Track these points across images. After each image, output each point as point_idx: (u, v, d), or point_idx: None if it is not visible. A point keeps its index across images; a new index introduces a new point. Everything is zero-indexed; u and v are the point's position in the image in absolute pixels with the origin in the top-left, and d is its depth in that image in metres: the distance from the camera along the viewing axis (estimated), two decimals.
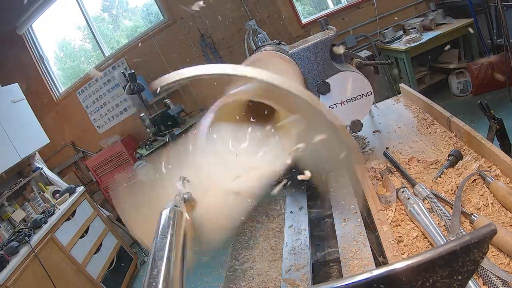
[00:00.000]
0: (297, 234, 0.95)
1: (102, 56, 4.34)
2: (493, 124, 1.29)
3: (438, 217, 0.80)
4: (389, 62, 1.14)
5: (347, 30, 3.94)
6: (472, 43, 3.37)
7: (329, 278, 0.86)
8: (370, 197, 0.93)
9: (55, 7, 4.14)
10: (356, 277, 0.22)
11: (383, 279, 0.22)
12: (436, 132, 1.14)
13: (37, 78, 4.27)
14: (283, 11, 3.98)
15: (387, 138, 1.24)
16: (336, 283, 0.23)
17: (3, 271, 2.08)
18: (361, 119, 1.03)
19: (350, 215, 0.92)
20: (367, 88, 0.99)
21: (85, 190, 3.20)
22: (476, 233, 0.23)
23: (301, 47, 1.00)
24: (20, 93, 3.34)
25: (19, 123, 3.15)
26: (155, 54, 4.06)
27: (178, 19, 4.02)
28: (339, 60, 1.08)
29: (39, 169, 3.37)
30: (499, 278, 0.61)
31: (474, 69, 3.20)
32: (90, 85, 4.27)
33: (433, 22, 3.45)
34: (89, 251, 2.81)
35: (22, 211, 2.89)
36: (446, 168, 0.94)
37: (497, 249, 0.67)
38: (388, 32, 3.74)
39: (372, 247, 0.80)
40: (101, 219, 3.19)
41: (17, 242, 2.30)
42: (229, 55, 4.12)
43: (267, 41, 2.14)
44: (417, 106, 1.38)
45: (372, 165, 1.10)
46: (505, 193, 0.75)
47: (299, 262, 0.85)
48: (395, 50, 3.53)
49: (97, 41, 4.30)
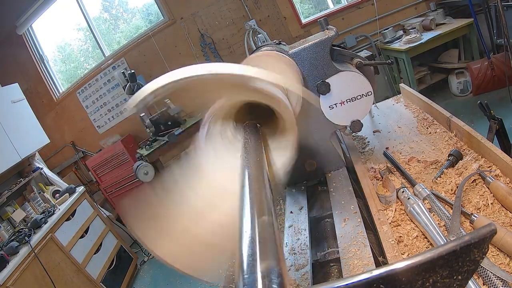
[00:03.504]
0: (297, 234, 0.95)
1: (102, 56, 4.34)
2: (493, 124, 1.29)
3: (438, 217, 0.80)
4: (389, 62, 1.14)
5: (347, 30, 3.94)
6: (472, 43, 3.37)
7: (329, 278, 0.86)
8: (370, 197, 0.93)
9: (55, 7, 4.15)
10: (356, 277, 0.22)
11: (383, 279, 0.22)
12: (436, 132, 1.14)
13: (37, 78, 4.27)
14: (283, 11, 3.98)
15: (387, 138, 1.24)
16: (336, 283, 0.23)
17: (3, 271, 2.08)
18: (361, 119, 1.03)
19: (350, 215, 0.92)
20: (367, 88, 0.99)
21: (85, 190, 3.20)
22: (476, 233, 0.23)
23: (301, 47, 0.99)
24: (20, 93, 3.34)
25: (19, 123, 3.15)
26: (155, 54, 4.06)
27: (178, 19, 4.02)
28: (339, 60, 1.08)
29: (39, 169, 3.37)
30: (499, 278, 0.61)
31: (474, 69, 3.20)
32: (90, 85, 4.27)
33: (433, 22, 3.45)
34: (89, 251, 2.81)
35: (22, 211, 2.89)
36: (446, 168, 0.94)
37: (497, 249, 0.67)
38: (388, 32, 3.74)
39: (372, 247, 0.80)
40: (101, 219, 3.19)
41: (17, 242, 2.31)
42: (229, 55, 4.12)
43: (267, 41, 2.14)
44: (417, 106, 1.38)
45: (372, 165, 1.10)
46: (505, 193, 0.75)
47: (299, 262, 0.85)
48: (395, 50, 3.53)
49: (97, 41, 4.30)
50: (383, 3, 3.81)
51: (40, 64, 4.30)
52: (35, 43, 4.30)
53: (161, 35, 4.07)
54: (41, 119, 3.59)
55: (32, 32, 4.26)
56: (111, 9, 4.43)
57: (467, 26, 3.26)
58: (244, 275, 0.26)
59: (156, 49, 4.04)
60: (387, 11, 3.85)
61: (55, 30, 4.33)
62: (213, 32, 4.06)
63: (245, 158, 0.44)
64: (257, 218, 0.32)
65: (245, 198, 0.35)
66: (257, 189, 0.37)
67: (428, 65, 3.76)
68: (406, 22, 3.79)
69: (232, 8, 3.98)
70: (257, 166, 0.42)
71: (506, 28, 2.57)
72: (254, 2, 3.95)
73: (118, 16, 4.46)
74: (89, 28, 4.25)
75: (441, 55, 3.71)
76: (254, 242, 0.29)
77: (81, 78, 4.33)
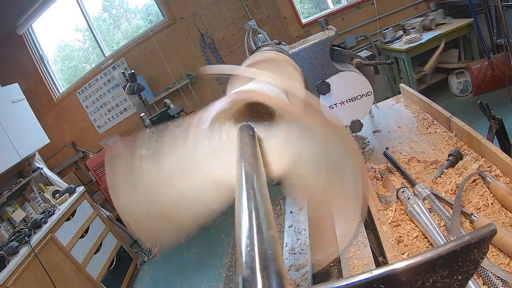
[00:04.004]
0: (297, 234, 0.95)
1: (102, 56, 4.34)
2: (493, 124, 1.29)
3: (438, 217, 0.80)
4: (389, 62, 1.14)
5: (347, 30, 3.94)
6: (472, 43, 3.37)
7: (329, 278, 0.86)
8: (370, 197, 0.94)
9: (55, 7, 4.15)
10: (356, 277, 0.22)
11: (383, 279, 0.22)
12: (436, 132, 1.14)
13: (37, 78, 4.27)
14: (283, 11, 3.98)
15: (387, 138, 1.25)
16: (336, 283, 0.23)
17: (3, 271, 2.08)
18: (361, 119, 1.03)
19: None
20: (367, 88, 0.99)
21: (85, 190, 3.20)
22: (476, 233, 0.23)
23: (301, 47, 0.99)
24: (20, 93, 3.34)
25: (19, 123, 3.15)
26: (155, 54, 4.06)
27: (178, 19, 4.02)
28: (339, 60, 1.08)
29: (39, 169, 3.37)
30: (499, 278, 0.61)
31: (474, 69, 3.20)
32: (90, 85, 4.27)
33: (433, 22, 3.45)
34: (89, 251, 2.81)
35: (22, 211, 2.89)
36: (446, 168, 0.94)
37: (497, 249, 0.67)
38: (388, 32, 3.74)
39: (372, 247, 0.80)
40: (101, 219, 3.19)
41: (17, 242, 2.30)
42: (229, 55, 4.12)
43: (267, 41, 2.14)
44: (417, 106, 1.38)
45: (372, 165, 1.10)
46: (505, 193, 0.75)
47: (299, 262, 0.85)
48: (395, 50, 3.53)
49: (97, 41, 4.30)
50: (383, 3, 3.81)
51: (40, 64, 4.30)
52: (35, 43, 4.30)
53: (161, 35, 4.07)
54: (41, 119, 3.59)
55: (32, 32, 4.26)
56: (111, 9, 4.43)
57: (467, 26, 3.26)
58: (244, 275, 0.26)
59: (156, 49, 4.04)
60: (387, 11, 3.85)
61: (55, 30, 4.33)
62: (213, 32, 4.06)
63: (241, 160, 0.44)
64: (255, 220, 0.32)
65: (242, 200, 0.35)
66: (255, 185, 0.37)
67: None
68: (406, 22, 3.79)
69: (232, 8, 3.98)
70: (254, 166, 0.42)
71: (506, 28, 2.57)
72: (254, 2, 3.95)
73: (118, 16, 4.46)
74: (89, 28, 4.25)
75: (441, 55, 3.71)
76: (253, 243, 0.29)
77: (81, 78, 4.33)
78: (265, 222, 0.30)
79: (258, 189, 0.34)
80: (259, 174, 0.39)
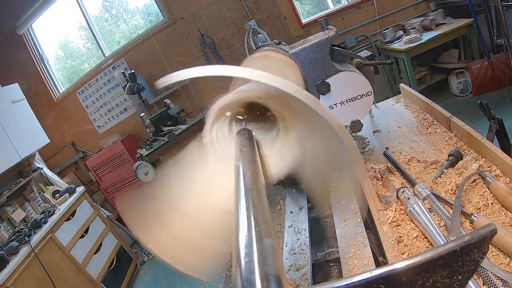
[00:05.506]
0: (297, 234, 0.95)
1: (102, 56, 4.34)
2: (493, 124, 1.29)
3: (438, 217, 0.80)
4: (389, 62, 1.14)
5: (347, 30, 3.94)
6: (472, 43, 3.37)
7: (329, 278, 0.86)
8: (370, 197, 0.93)
9: (55, 7, 4.15)
10: (356, 277, 0.22)
11: (383, 279, 0.22)
12: (436, 132, 1.14)
13: (37, 78, 4.27)
14: (283, 11, 3.98)
15: (387, 138, 1.25)
16: (336, 283, 0.23)
17: (3, 271, 2.08)
18: (361, 119, 1.03)
19: (350, 215, 0.92)
20: (367, 88, 0.99)
21: (85, 190, 3.20)
22: (476, 233, 0.23)
23: (301, 47, 0.99)
24: (20, 93, 3.34)
25: (19, 123, 3.15)
26: (155, 54, 4.06)
27: (178, 19, 4.02)
28: (339, 60, 1.08)
29: (39, 169, 3.37)
30: (499, 278, 0.61)
31: (474, 69, 3.20)
32: (90, 85, 4.27)
33: (433, 22, 3.45)
34: (89, 251, 2.81)
35: (22, 211, 2.89)
36: (446, 168, 0.94)
37: (497, 249, 0.67)
38: (388, 32, 3.74)
39: (372, 247, 0.80)
40: (101, 219, 3.19)
41: (17, 242, 2.30)
42: (229, 55, 4.12)
43: (267, 41, 2.14)
44: (417, 106, 1.38)
45: (372, 165, 1.10)
46: (505, 193, 0.75)
47: (299, 262, 0.85)
48: (395, 50, 3.53)
49: (97, 41, 4.30)
50: (383, 3, 3.81)
51: (40, 64, 4.30)
52: (35, 43, 4.30)
53: (161, 35, 4.07)
54: (41, 119, 3.59)
55: (32, 32, 4.26)
56: (111, 9, 4.43)
57: (467, 26, 3.26)
58: (243, 276, 0.26)
59: (156, 49, 4.04)
60: (387, 11, 3.85)
61: (56, 29, 4.33)
62: (213, 32, 4.06)
63: (240, 165, 0.44)
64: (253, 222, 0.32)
65: (240, 203, 0.35)
66: (254, 191, 0.37)
67: (428, 65, 3.76)
68: (406, 22, 3.79)
69: (232, 8, 3.98)
70: (252, 171, 0.42)
71: (506, 28, 2.57)
72: (254, 2, 3.95)
73: (118, 16, 4.46)
74: (89, 28, 4.25)
75: (441, 55, 3.71)
76: (252, 244, 0.29)
77: (81, 78, 4.33)
78: (264, 229, 0.30)
79: (256, 197, 0.35)
80: (257, 179, 0.39)
